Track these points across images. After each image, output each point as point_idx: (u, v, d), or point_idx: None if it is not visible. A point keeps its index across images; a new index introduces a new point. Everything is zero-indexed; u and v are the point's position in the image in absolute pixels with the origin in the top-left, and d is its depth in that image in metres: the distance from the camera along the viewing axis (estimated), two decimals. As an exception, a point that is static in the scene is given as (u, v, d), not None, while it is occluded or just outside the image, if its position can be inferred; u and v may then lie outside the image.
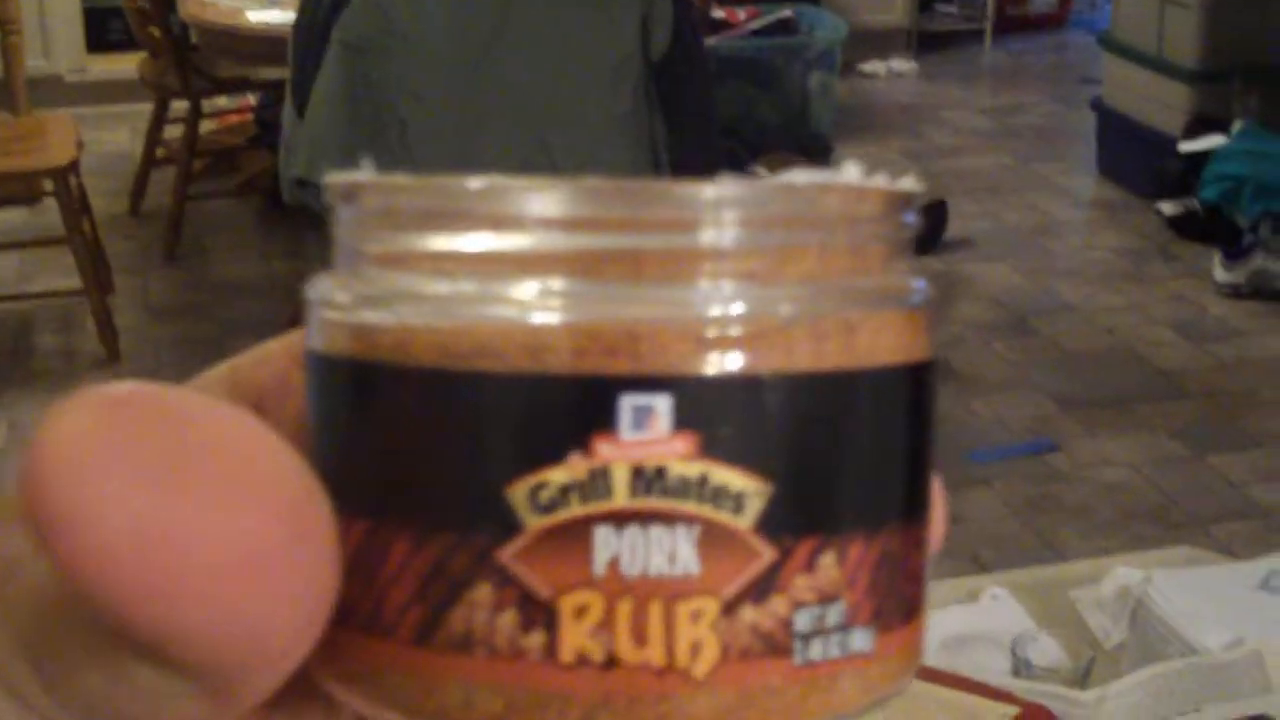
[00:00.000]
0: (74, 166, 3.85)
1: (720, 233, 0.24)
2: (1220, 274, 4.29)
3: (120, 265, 4.40)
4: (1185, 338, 4.02)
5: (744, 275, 0.24)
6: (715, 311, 0.24)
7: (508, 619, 0.24)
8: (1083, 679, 1.24)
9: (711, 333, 0.24)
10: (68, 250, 3.83)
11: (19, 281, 4.30)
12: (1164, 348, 3.96)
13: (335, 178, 0.26)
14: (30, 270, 4.34)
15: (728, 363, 0.24)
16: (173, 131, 4.77)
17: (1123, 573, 1.37)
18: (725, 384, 0.24)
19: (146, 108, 4.85)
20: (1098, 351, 3.97)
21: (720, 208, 0.24)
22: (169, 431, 0.22)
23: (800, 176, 0.25)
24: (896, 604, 0.26)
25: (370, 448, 0.25)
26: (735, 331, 0.24)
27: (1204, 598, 1.31)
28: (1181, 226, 4.67)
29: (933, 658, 1.30)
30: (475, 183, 0.24)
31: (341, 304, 0.25)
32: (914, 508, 0.26)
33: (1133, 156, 5.05)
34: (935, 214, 4.54)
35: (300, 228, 4.24)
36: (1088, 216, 5.09)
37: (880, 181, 0.26)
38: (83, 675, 0.24)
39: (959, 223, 4.71)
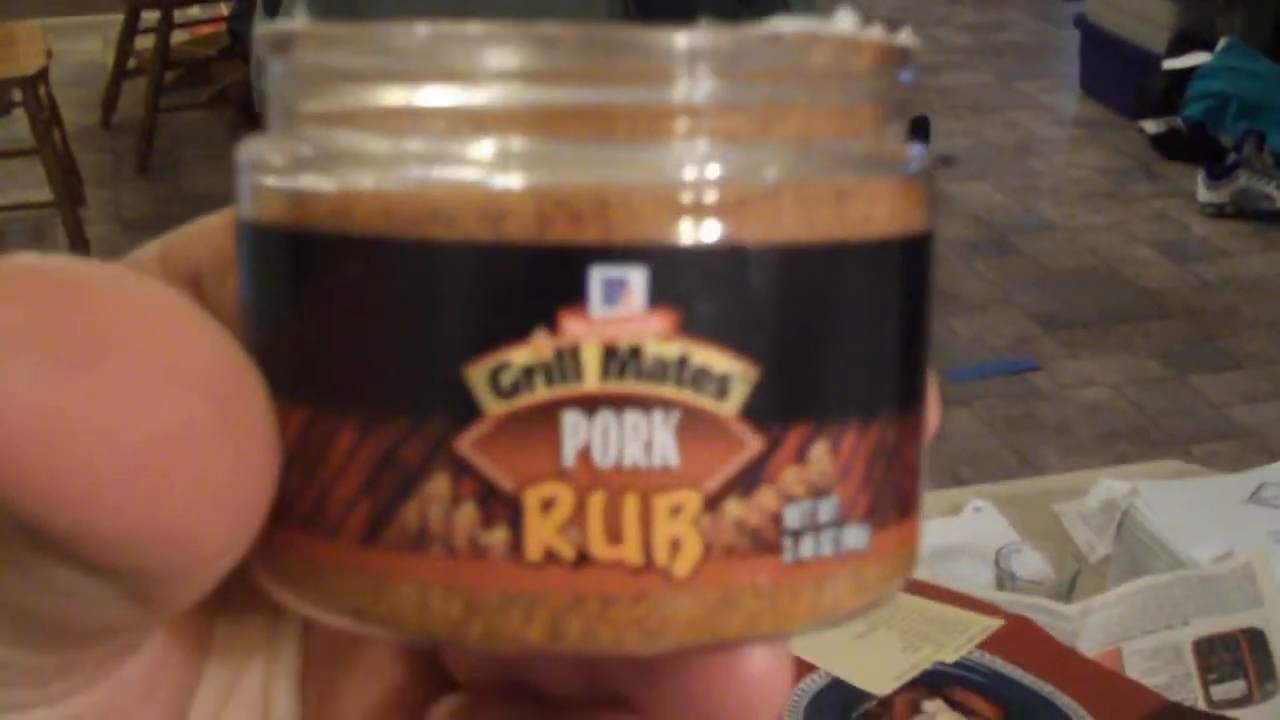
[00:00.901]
0: (43, 76, 3.82)
1: (699, 86, 0.22)
2: (1203, 193, 4.26)
3: (92, 177, 4.39)
4: (1167, 257, 4.00)
5: (725, 135, 0.22)
6: (694, 175, 0.22)
7: (467, 514, 0.22)
8: (1067, 592, 1.21)
9: (690, 198, 0.22)
10: (39, 162, 3.80)
11: (-10, 193, 4.26)
12: (1146, 267, 3.94)
13: (266, 27, 0.24)
14: (0, 182, 4.29)
15: (708, 231, 0.22)
16: (145, 42, 4.72)
17: (1108, 485, 1.35)
18: (706, 255, 0.22)
19: (119, 18, 4.79)
20: (1079, 271, 3.94)
21: (699, 58, 0.22)
22: (79, 309, 0.20)
23: (788, 25, 0.22)
24: (892, 499, 0.24)
25: (309, 327, 0.23)
26: (716, 197, 0.22)
27: (1192, 510, 1.28)
28: (1165, 145, 4.65)
29: (917, 569, 1.27)
30: (423, 30, 0.22)
31: (276, 167, 0.23)
32: (910, 394, 0.24)
33: (1116, 74, 5.02)
34: (917, 130, 4.50)
35: (274, 140, 4.17)
36: (1070, 135, 5.06)
37: (875, 34, 0.24)
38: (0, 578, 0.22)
39: (940, 140, 4.69)
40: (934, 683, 1.06)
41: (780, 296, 0.22)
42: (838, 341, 0.23)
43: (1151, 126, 4.68)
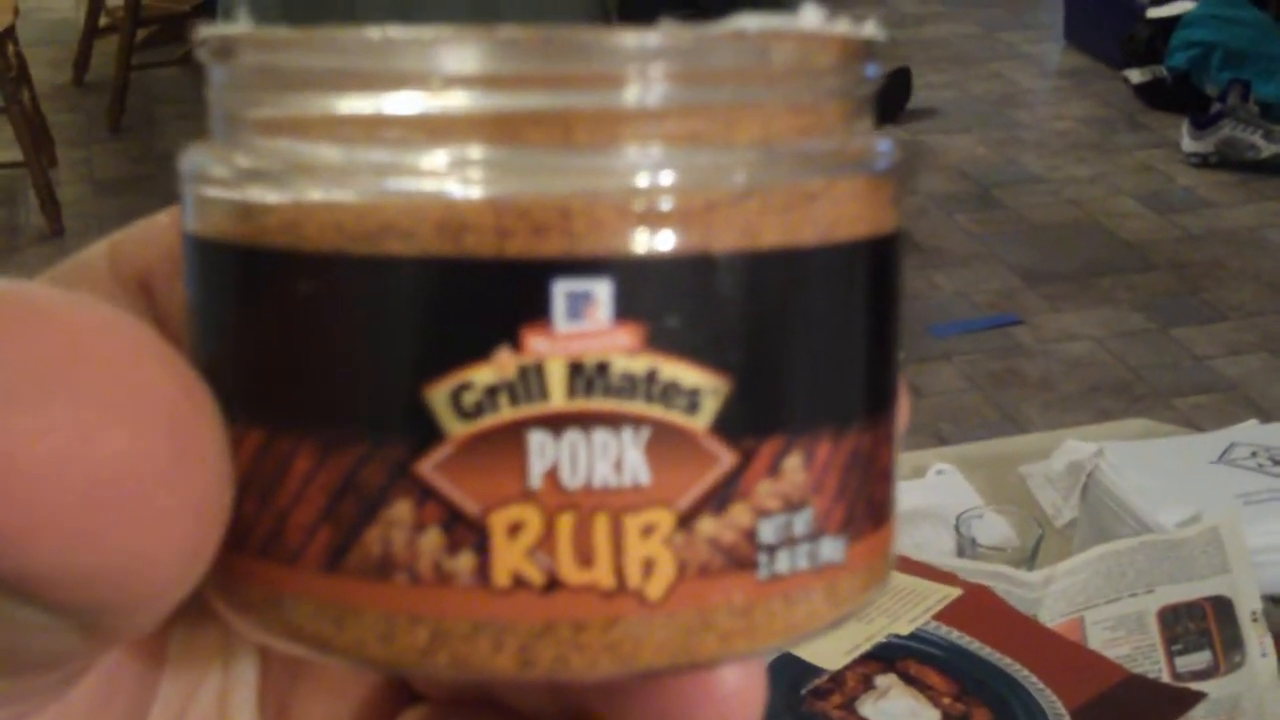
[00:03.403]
0: (10, 33, 3.78)
1: (659, 89, 0.21)
2: (1188, 143, 4.23)
3: (63, 137, 4.37)
4: (1151, 209, 3.97)
5: (689, 138, 0.21)
6: (658, 181, 0.21)
7: (431, 539, 0.21)
8: (1030, 558, 1.18)
9: (655, 206, 0.21)
10: (8, 122, 3.77)
11: (-42, 154, 4.22)
12: (1130, 219, 3.91)
13: (206, 31, 0.23)
14: (-30, 143, 4.25)
15: (674, 241, 0.21)
16: (117, -1, 4.68)
17: (1072, 446, 1.31)
18: (673, 265, 0.21)
19: (90, -26, 4.75)
20: (1063, 223, 3.91)
21: (659, 59, 0.21)
22: (20, 340, 0.19)
23: (751, 21, 0.22)
24: (867, 508, 0.24)
25: (262, 346, 0.22)
26: (682, 204, 0.21)
27: (1159, 472, 1.25)
28: (1149, 95, 4.62)
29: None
30: (373, 34, 0.21)
31: (220, 178, 0.22)
32: (883, 400, 0.24)
33: (1101, 23, 4.99)
34: (898, 82, 4.50)
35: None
36: (1054, 85, 5.02)
37: (840, 28, 0.23)
38: None
39: (923, 93, 4.66)
40: (888, 656, 1.03)
41: (749, 305, 0.22)
42: (809, 349, 0.22)
43: (1136, 76, 4.65)
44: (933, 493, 1.34)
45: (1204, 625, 1.08)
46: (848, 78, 0.23)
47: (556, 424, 0.21)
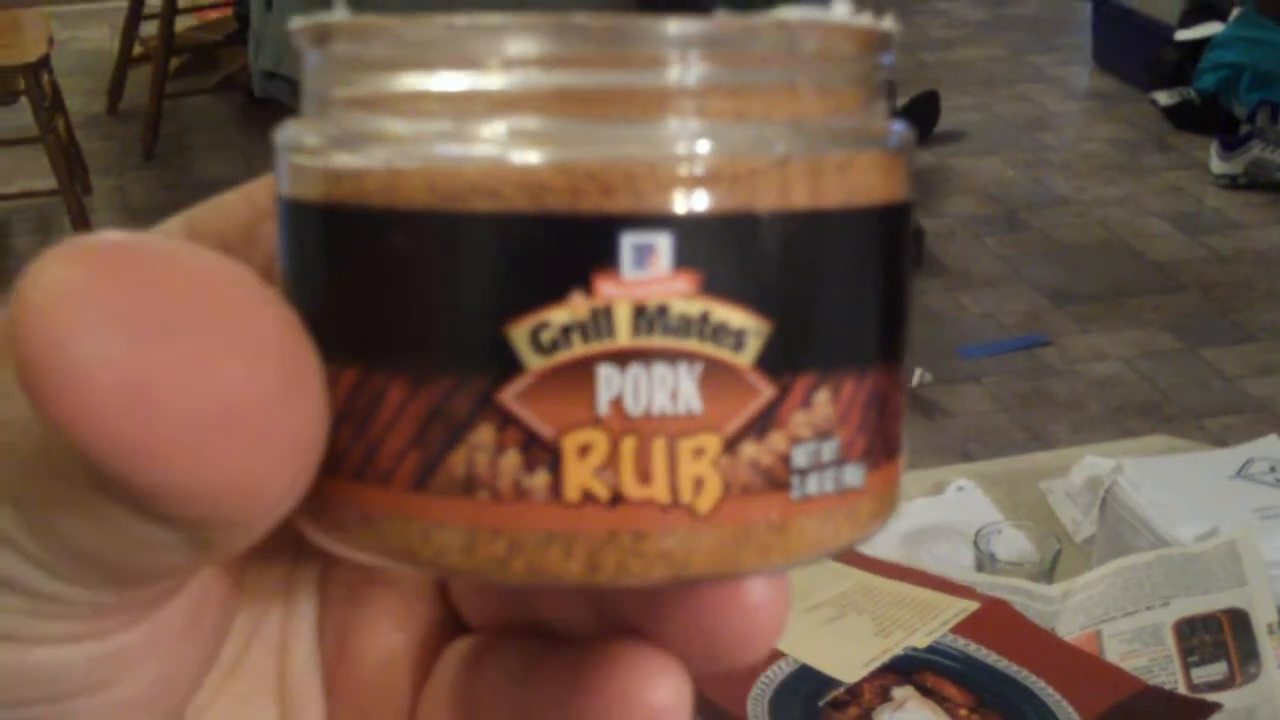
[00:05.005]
0: (45, 62, 3.80)
1: (711, 71, 0.24)
2: (1217, 164, 4.23)
3: (98, 165, 4.39)
4: (1180, 230, 3.96)
5: (735, 114, 0.24)
6: (710, 150, 0.24)
7: (510, 460, 0.24)
8: (1048, 573, 1.19)
9: (706, 171, 0.24)
10: (43, 151, 3.79)
11: (-5, 182, 4.25)
12: (1158, 240, 3.90)
13: (305, 20, 0.26)
14: (6, 171, 4.29)
15: (723, 201, 0.24)
16: (150, 28, 4.71)
17: (1091, 461, 1.32)
18: (722, 222, 0.24)
19: (124, 4, 4.79)
20: (1091, 245, 3.91)
21: (711, 45, 0.24)
22: (155, 282, 0.22)
23: (792, 13, 0.25)
24: (883, 442, 0.26)
25: (359, 294, 0.25)
26: (729, 170, 0.24)
27: (1177, 487, 1.25)
28: (1178, 117, 4.61)
29: (895, 551, 1.25)
30: (464, 21, 0.24)
31: (316, 148, 0.25)
32: (895, 347, 0.27)
33: (1129, 46, 4.99)
34: (927, 105, 4.50)
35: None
36: (1082, 108, 5.02)
37: (864, 21, 0.26)
38: (70, 523, 0.24)
39: (952, 115, 4.66)
40: (905, 668, 1.04)
41: (789, 259, 0.24)
42: (837, 299, 0.25)
43: (1164, 98, 4.64)
44: (953, 509, 1.34)
45: (1220, 637, 1.09)
46: (868, 64, 0.26)
47: (622, 359, 0.24)
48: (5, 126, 4.35)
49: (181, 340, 0.22)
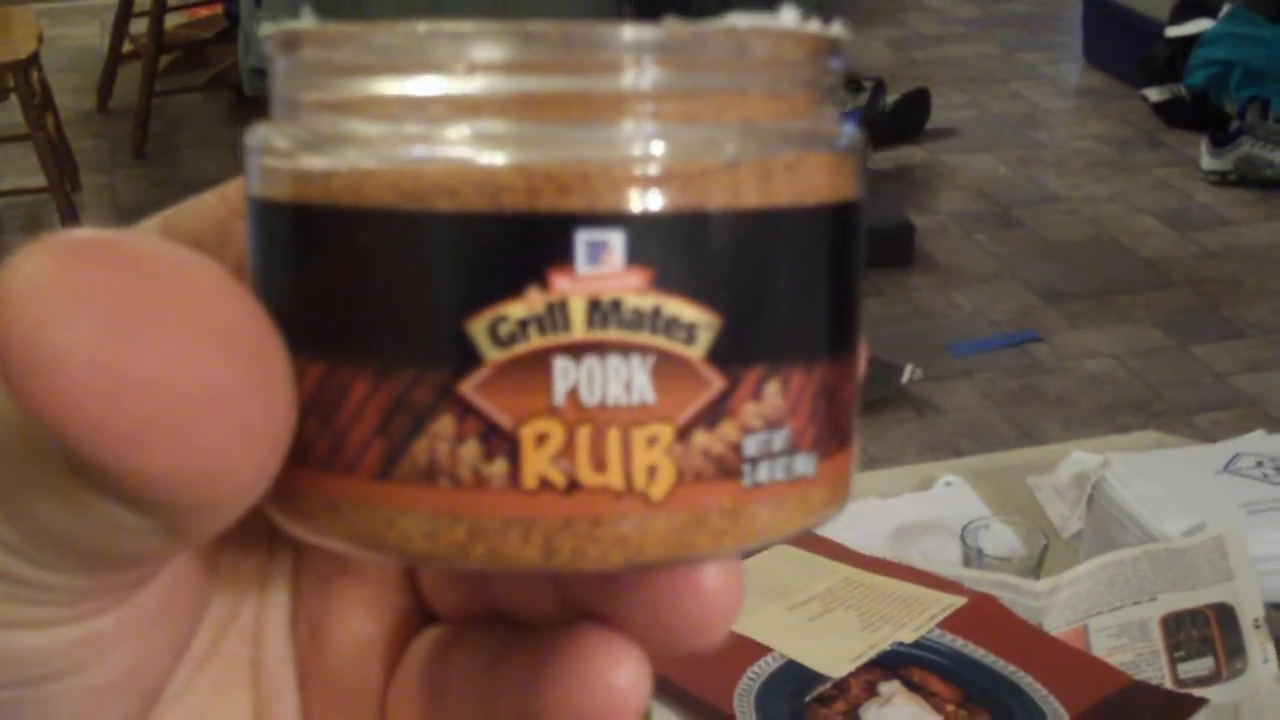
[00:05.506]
0: (34, 60, 3.79)
1: (663, 75, 0.25)
2: (1207, 161, 4.23)
3: (88, 163, 4.38)
4: (1170, 227, 3.96)
5: (687, 117, 0.25)
6: (662, 151, 0.25)
7: (470, 449, 0.25)
8: (1036, 568, 1.19)
9: (659, 171, 0.25)
10: (33, 148, 3.79)
11: (-16, 180, 4.25)
12: (1149, 237, 3.91)
13: (274, 27, 0.27)
14: (-4, 169, 4.28)
15: (677, 199, 0.25)
16: (140, 26, 4.70)
17: (1078, 457, 1.32)
18: (674, 220, 0.25)
19: (114, 1, 4.78)
20: (1082, 242, 3.91)
21: (662, 50, 0.25)
22: (129, 274, 0.23)
23: (742, 20, 0.26)
24: (833, 432, 0.27)
25: (324, 290, 0.26)
26: (681, 170, 0.25)
27: (1164, 482, 1.25)
28: (1168, 113, 4.62)
29: (883, 547, 1.25)
30: (422, 28, 0.25)
31: (285, 150, 0.26)
32: (846, 339, 0.28)
33: (1120, 43, 4.99)
34: (918, 103, 4.50)
35: (270, 123, 4.17)
36: (1074, 105, 5.02)
37: (813, 27, 0.27)
38: (45, 507, 0.25)
39: (943, 113, 4.66)
40: (892, 663, 1.04)
41: (738, 256, 0.25)
42: (786, 294, 0.26)
43: (1155, 95, 4.65)
44: (941, 504, 1.34)
45: (1206, 632, 1.09)
46: (817, 69, 0.27)
47: (577, 351, 0.25)
48: (-5, 124, 4.36)
49: (153, 329, 0.23)
